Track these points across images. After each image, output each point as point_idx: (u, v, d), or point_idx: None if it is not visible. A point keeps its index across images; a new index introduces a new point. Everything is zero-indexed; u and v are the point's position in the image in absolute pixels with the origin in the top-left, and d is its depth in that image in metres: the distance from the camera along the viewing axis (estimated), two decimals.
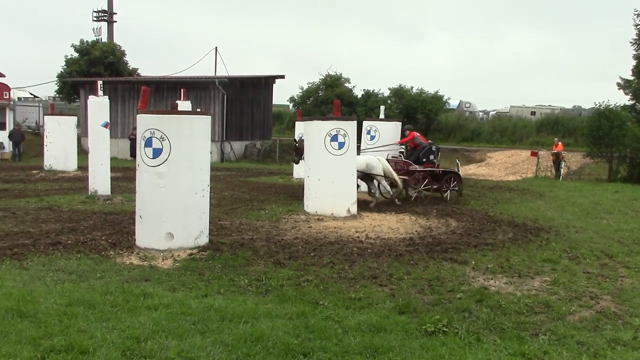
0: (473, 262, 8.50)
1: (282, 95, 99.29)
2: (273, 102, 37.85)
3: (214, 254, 8.54)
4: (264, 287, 6.99)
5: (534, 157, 27.38)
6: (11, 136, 28.59)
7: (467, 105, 51.80)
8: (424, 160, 16.08)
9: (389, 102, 34.95)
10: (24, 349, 4.72)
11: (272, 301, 6.38)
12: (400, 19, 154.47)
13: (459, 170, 16.49)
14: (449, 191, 15.84)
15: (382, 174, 14.49)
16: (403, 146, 16.77)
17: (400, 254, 8.95)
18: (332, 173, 12.25)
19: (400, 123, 18.06)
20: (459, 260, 8.64)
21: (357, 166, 13.65)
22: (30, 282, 6.83)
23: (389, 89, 36.86)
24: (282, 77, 36.23)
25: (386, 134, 17.06)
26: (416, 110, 33.70)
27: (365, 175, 14.55)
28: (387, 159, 15.32)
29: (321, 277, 7.52)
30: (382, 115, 18.73)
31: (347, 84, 37.15)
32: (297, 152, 15.27)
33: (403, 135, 16.83)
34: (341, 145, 12.22)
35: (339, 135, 12.21)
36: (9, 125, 29.32)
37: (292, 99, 38.22)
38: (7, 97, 33.80)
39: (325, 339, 5.20)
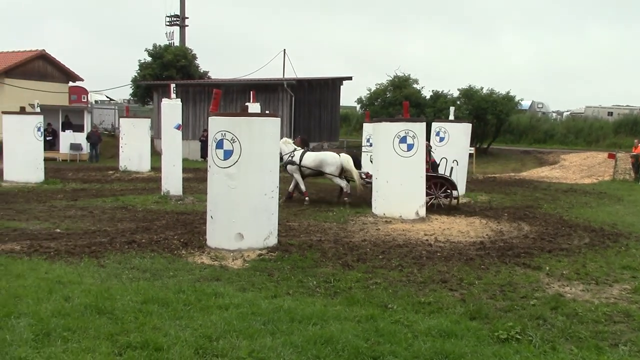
0: (547, 268, 8.23)
1: (349, 96, 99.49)
2: (340, 104, 37.92)
3: (282, 254, 8.61)
4: (333, 289, 6.99)
5: (611, 159, 26.29)
6: (89, 138, 29.72)
7: (540, 105, 50.35)
8: None
9: (458, 103, 34.36)
10: (102, 345, 4.88)
11: (341, 303, 6.37)
12: (472, 17, 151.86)
13: (450, 175, 14.86)
14: (438, 199, 14.03)
15: (337, 173, 14.63)
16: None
17: (470, 258, 8.77)
18: (401, 175, 12.15)
19: (470, 125, 17.75)
20: (532, 265, 8.39)
21: (309, 163, 14.65)
22: (107, 279, 7.07)
23: (458, 89, 36.23)
24: (350, 78, 36.28)
25: (456, 135, 16.80)
26: (486, 111, 32.94)
27: (318, 173, 14.92)
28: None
29: (390, 280, 7.46)
30: (451, 117, 18.43)
31: (415, 85, 36.73)
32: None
33: None
34: (410, 147, 12.10)
35: (407, 137, 12.09)
36: (87, 127, 30.48)
37: (359, 100, 38.06)
38: (85, 100, 35.23)
39: (395, 343, 5.14)
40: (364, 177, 15.01)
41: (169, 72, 38.52)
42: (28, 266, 7.54)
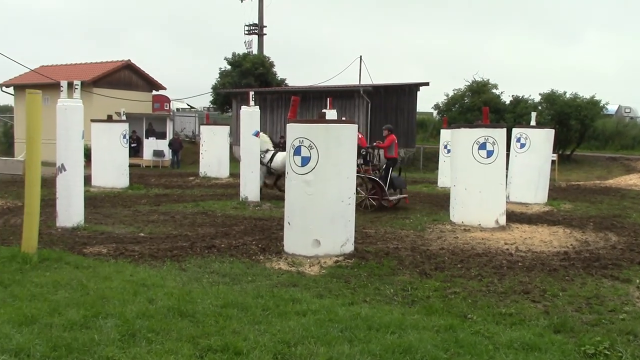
0: (637, 281, 7.81)
1: (426, 102, 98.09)
2: (417, 110, 37.55)
3: (359, 262, 8.58)
4: (410, 298, 6.90)
5: None
6: (171, 145, 30.70)
7: (627, 110, 48.14)
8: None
9: (540, 108, 33.36)
10: (184, 347, 5.00)
11: (419, 312, 6.27)
12: (554, 19, 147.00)
13: (380, 173, 15.03)
14: (366, 200, 14.62)
15: None
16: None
17: (554, 268, 8.46)
18: (480, 182, 11.89)
19: (552, 130, 17.20)
20: (621, 278, 8.00)
21: (279, 164, 15.60)
22: (188, 282, 7.24)
23: (540, 94, 35.18)
24: (427, 84, 35.85)
25: (537, 141, 16.31)
26: (570, 117, 31.77)
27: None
28: None
29: (469, 289, 7.29)
30: (533, 122, 17.90)
31: (494, 90, 35.95)
32: None
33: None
34: (490, 153, 11.83)
35: (487, 144, 11.83)
36: (169, 135, 31.48)
37: (436, 106, 37.59)
38: (168, 108, 36.37)
39: (476, 355, 5.01)
40: None
41: (247, 80, 39.28)
42: (114, 268, 7.83)
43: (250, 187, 15.70)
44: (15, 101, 36.20)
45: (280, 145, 30.80)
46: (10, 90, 36.59)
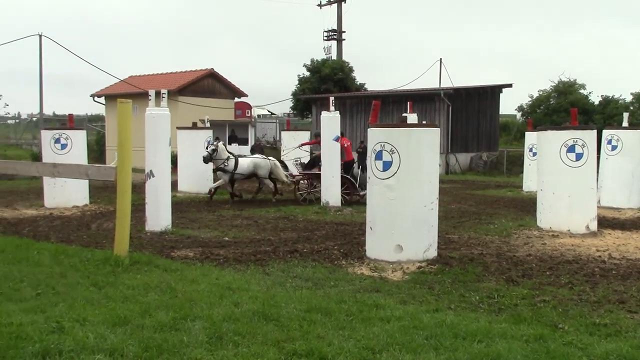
0: None
1: (509, 104, 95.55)
2: (500, 112, 36.68)
3: (443, 268, 8.43)
4: (497, 305, 6.70)
5: None
6: (252, 151, 31.25)
7: None
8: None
9: (632, 108, 31.88)
10: (270, 351, 5.04)
11: (506, 321, 6.07)
12: None
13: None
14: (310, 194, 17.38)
15: (267, 175, 17.59)
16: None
17: None
18: (569, 186, 11.45)
19: None
20: None
21: (244, 169, 17.27)
22: (272, 287, 7.32)
23: (632, 93, 33.68)
24: (510, 85, 34.99)
25: (630, 143, 15.56)
26: None
27: (252, 174, 17.61)
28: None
29: (559, 298, 7.01)
30: (625, 123, 17.10)
31: (582, 91, 34.69)
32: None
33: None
34: (579, 156, 11.38)
35: (576, 146, 11.39)
36: (251, 141, 32.10)
37: (520, 108, 36.67)
38: (249, 114, 37.11)
39: None
40: (290, 177, 17.98)
41: (326, 85, 39.58)
42: (201, 272, 8.02)
43: (331, 191, 15.76)
44: (107, 110, 37.91)
45: (358, 151, 30.87)
46: (102, 100, 38.36)
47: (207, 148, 17.53)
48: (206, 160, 17.21)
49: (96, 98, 38.64)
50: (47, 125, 32.00)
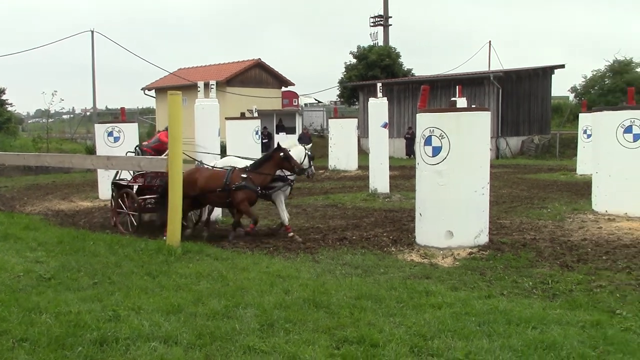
0: None
1: (561, 85, 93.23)
2: (552, 94, 35.77)
3: (494, 253, 8.28)
4: (551, 291, 6.55)
5: None
6: (300, 139, 31.30)
7: None
8: None
9: None
10: (321, 338, 5.06)
11: (561, 307, 5.94)
12: None
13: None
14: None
15: None
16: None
17: None
18: (626, 168, 11.09)
19: None
20: None
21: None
22: (322, 274, 7.34)
23: None
24: (562, 66, 34.04)
25: None
26: None
27: None
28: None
29: (616, 283, 6.81)
30: None
31: (638, 69, 33.51)
32: None
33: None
34: (637, 137, 11.01)
35: (633, 127, 11.02)
36: (298, 129, 32.21)
37: (573, 89, 35.70)
38: (296, 103, 37.24)
39: (629, 354, 4.66)
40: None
41: (373, 72, 39.31)
42: (251, 260, 8.11)
43: (379, 178, 15.68)
44: (157, 103, 38.63)
45: (407, 137, 30.63)
46: (152, 93, 39.09)
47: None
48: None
49: (147, 91, 39.44)
50: (100, 119, 32.84)
